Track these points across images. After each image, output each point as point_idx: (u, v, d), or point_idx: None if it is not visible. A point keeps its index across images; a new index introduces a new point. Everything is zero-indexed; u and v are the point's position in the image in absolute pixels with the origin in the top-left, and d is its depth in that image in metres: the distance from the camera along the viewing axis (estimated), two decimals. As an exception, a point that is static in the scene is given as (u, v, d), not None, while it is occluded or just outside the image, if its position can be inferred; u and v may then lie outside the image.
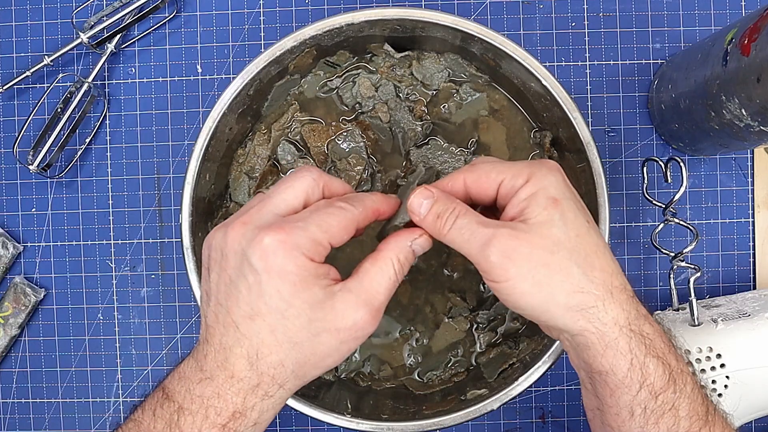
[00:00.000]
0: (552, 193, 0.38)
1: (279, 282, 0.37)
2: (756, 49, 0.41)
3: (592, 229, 0.39)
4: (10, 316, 0.58)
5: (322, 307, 0.38)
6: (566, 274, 0.37)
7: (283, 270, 0.37)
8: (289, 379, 0.39)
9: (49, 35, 0.60)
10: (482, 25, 0.49)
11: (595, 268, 0.38)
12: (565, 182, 0.40)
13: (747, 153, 0.59)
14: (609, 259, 0.39)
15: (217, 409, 0.38)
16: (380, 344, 0.55)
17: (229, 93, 0.50)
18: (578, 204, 0.39)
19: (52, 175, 0.58)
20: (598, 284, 0.38)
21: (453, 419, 0.49)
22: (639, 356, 0.38)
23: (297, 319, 0.38)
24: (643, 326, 0.38)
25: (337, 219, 0.39)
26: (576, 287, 0.38)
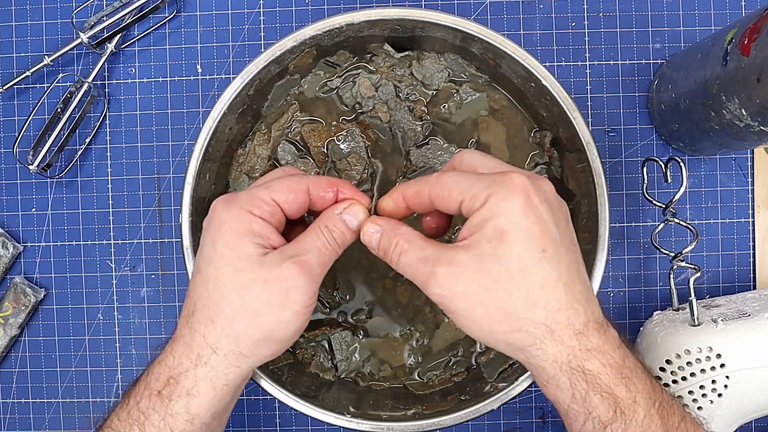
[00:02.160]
0: (501, 223, 0.36)
1: (214, 233, 0.40)
2: (756, 49, 0.41)
3: (546, 259, 0.37)
4: (10, 316, 0.58)
5: (251, 260, 0.39)
6: (503, 313, 0.37)
7: (218, 221, 0.40)
8: (219, 340, 0.39)
9: (49, 35, 0.60)
10: (482, 25, 0.49)
11: (537, 306, 0.37)
12: (525, 205, 0.36)
13: (747, 153, 0.59)
14: (560, 291, 0.37)
15: (157, 374, 0.40)
16: (380, 344, 0.55)
17: (229, 93, 0.50)
18: (535, 230, 0.36)
19: (52, 175, 0.58)
20: (538, 323, 0.37)
21: (453, 419, 0.49)
22: (580, 391, 0.37)
23: (225, 267, 0.39)
24: (586, 362, 0.37)
25: (281, 179, 0.41)
26: (513, 327, 0.37)
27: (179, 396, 0.39)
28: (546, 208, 0.37)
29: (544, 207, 0.37)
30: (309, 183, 0.41)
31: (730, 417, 0.51)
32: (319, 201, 0.42)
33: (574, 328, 0.37)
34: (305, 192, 0.41)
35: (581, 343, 0.37)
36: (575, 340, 0.37)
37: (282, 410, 0.59)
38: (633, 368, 0.38)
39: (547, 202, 0.38)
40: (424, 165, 0.54)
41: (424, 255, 0.38)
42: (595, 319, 0.38)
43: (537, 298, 0.37)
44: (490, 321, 0.37)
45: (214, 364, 0.39)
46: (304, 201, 0.41)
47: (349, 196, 0.42)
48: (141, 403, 0.40)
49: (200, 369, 0.39)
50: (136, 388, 0.41)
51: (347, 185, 0.42)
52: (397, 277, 0.55)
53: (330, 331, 0.54)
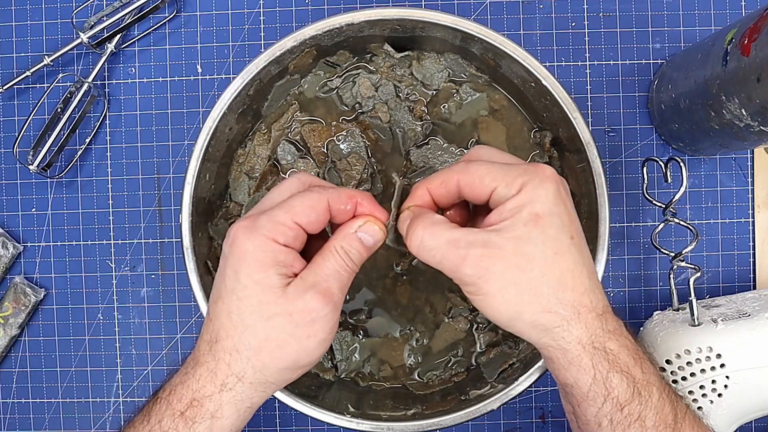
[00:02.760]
0: (537, 208, 0.38)
1: (237, 262, 0.39)
2: (756, 49, 0.41)
3: (575, 245, 0.38)
4: (10, 316, 0.58)
5: (274, 292, 0.39)
6: (536, 293, 0.38)
7: (241, 250, 0.39)
8: (246, 370, 0.39)
9: (49, 35, 0.60)
10: (482, 25, 0.49)
11: (567, 288, 0.38)
12: (557, 194, 0.38)
13: (747, 153, 0.59)
14: (585, 277, 0.39)
15: (179, 395, 0.40)
16: (380, 344, 0.55)
17: (229, 93, 0.50)
18: (565, 218, 0.38)
19: (52, 175, 0.58)
20: (567, 305, 0.38)
21: (453, 419, 0.49)
22: (602, 371, 0.38)
23: (249, 299, 0.39)
24: (607, 342, 0.38)
25: (300, 199, 0.40)
26: (544, 307, 0.38)
27: (203, 418, 0.39)
28: (570, 200, 0.40)
29: (569, 199, 0.40)
30: (329, 199, 0.40)
31: (730, 417, 0.51)
32: (339, 215, 0.41)
33: (596, 311, 0.39)
34: (327, 209, 0.40)
35: (602, 325, 0.39)
36: (597, 322, 0.38)
37: (282, 410, 0.59)
38: (644, 354, 0.40)
39: (569, 195, 0.40)
40: (424, 165, 0.54)
41: (454, 237, 0.39)
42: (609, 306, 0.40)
43: (567, 281, 0.38)
44: (521, 302, 0.38)
45: (239, 390, 0.40)
46: (326, 218, 0.41)
47: (367, 210, 0.42)
48: (163, 422, 0.40)
49: (225, 394, 0.40)
50: (157, 406, 0.40)
51: (366, 198, 0.42)
52: (397, 277, 0.55)
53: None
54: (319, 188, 0.41)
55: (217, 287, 0.40)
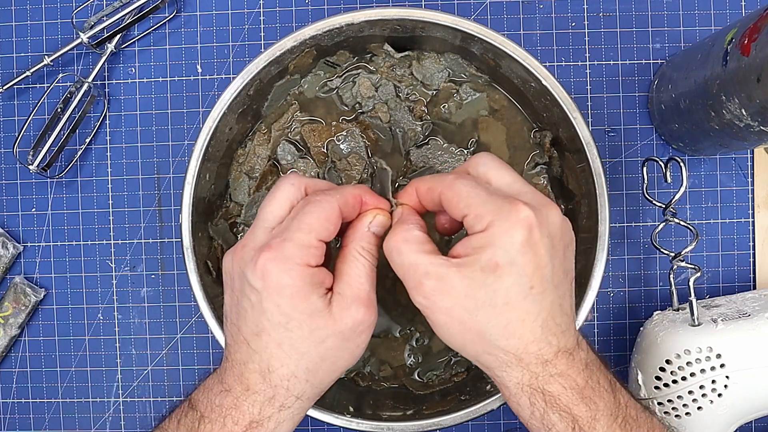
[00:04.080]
0: (498, 256, 0.37)
1: (277, 297, 0.38)
2: (756, 49, 0.41)
3: (532, 295, 0.37)
4: (10, 316, 0.58)
5: (321, 315, 0.39)
6: (478, 335, 0.38)
7: (279, 285, 0.38)
8: (305, 390, 0.41)
9: (49, 35, 0.60)
10: (482, 25, 0.49)
11: (513, 337, 0.38)
12: (524, 242, 0.37)
13: (747, 153, 0.59)
14: (537, 326, 0.38)
15: (235, 419, 0.40)
16: (380, 344, 0.55)
17: (229, 93, 0.50)
18: (528, 268, 0.37)
19: (52, 175, 0.58)
20: (509, 351, 0.38)
21: (453, 419, 0.49)
22: (539, 409, 0.39)
23: (299, 330, 0.39)
24: (547, 385, 0.38)
25: (316, 214, 0.39)
26: (484, 349, 0.39)
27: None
28: (546, 243, 0.38)
29: (544, 242, 0.38)
30: (339, 204, 0.40)
31: (730, 417, 0.51)
32: (348, 215, 0.42)
33: (543, 359, 0.38)
34: (340, 216, 0.41)
35: (546, 369, 0.38)
36: (540, 368, 0.38)
37: (282, 410, 0.59)
38: (596, 387, 0.39)
39: (549, 236, 0.38)
40: (424, 165, 0.54)
41: (415, 263, 0.39)
42: (567, 347, 0.39)
43: (514, 330, 0.38)
44: (464, 339, 0.39)
45: (298, 406, 0.41)
46: (339, 224, 0.41)
47: (371, 204, 0.42)
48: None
49: (284, 412, 0.40)
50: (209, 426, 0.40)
51: (367, 192, 0.42)
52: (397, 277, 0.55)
53: None
54: (325, 196, 0.40)
55: (255, 321, 0.39)
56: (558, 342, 0.38)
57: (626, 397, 0.41)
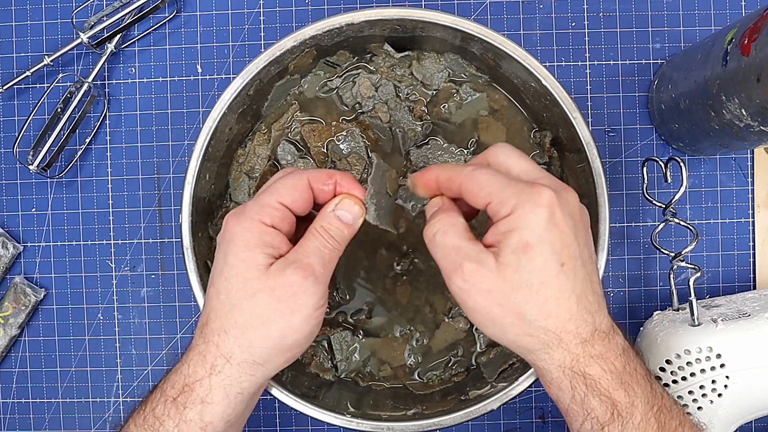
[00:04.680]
0: (526, 236, 0.37)
1: (226, 246, 0.41)
2: (756, 49, 0.41)
3: (564, 272, 0.38)
4: (10, 316, 0.58)
5: (258, 269, 0.40)
6: (518, 317, 0.38)
7: (231, 233, 0.41)
8: (233, 350, 0.41)
9: (49, 35, 0.60)
10: (482, 25, 0.49)
11: (551, 315, 0.38)
12: (549, 220, 0.38)
13: (747, 153, 0.59)
14: (572, 302, 0.38)
15: (172, 382, 0.41)
16: (380, 344, 0.55)
17: (229, 93, 0.50)
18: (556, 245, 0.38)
19: (52, 175, 0.58)
20: (549, 331, 0.38)
21: (453, 419, 0.49)
22: (580, 393, 0.39)
23: (235, 278, 0.40)
24: (587, 368, 0.39)
25: (283, 181, 0.42)
26: (525, 331, 0.39)
27: (193, 403, 0.40)
28: (569, 222, 0.39)
29: (567, 221, 0.38)
30: (309, 177, 0.42)
31: (730, 417, 0.51)
32: (321, 195, 0.43)
33: (581, 337, 0.39)
34: (308, 187, 0.42)
35: (585, 350, 0.39)
36: (580, 348, 0.39)
37: (282, 410, 0.59)
38: (633, 374, 0.39)
39: (570, 215, 0.39)
40: (424, 165, 0.54)
41: (458, 245, 0.39)
42: (603, 328, 0.39)
43: (551, 309, 0.38)
44: (504, 322, 0.39)
45: (228, 373, 0.41)
46: (309, 197, 0.42)
47: (345, 189, 0.43)
48: (156, 409, 0.41)
49: (214, 378, 0.40)
50: (153, 394, 0.42)
51: (346, 177, 0.43)
52: (397, 277, 0.55)
53: (330, 331, 0.54)
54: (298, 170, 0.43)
55: (210, 276, 0.42)
56: (594, 320, 0.39)
57: (660, 388, 0.41)
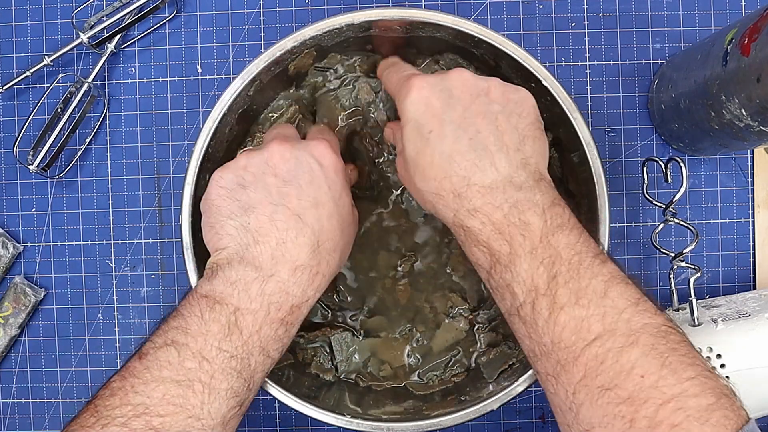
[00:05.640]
0: (403, 121, 0.44)
1: (334, 175, 0.45)
2: (756, 49, 0.41)
3: (432, 139, 0.42)
4: (10, 316, 0.58)
5: (351, 204, 0.47)
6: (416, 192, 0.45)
7: (335, 166, 0.45)
8: (334, 269, 0.45)
9: (49, 35, 0.60)
10: (482, 25, 0.49)
11: (428, 179, 0.43)
12: (416, 101, 0.43)
13: (747, 153, 0.59)
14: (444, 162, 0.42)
15: (278, 305, 0.42)
16: (380, 344, 0.55)
17: (229, 93, 0.50)
18: (424, 118, 0.43)
19: (52, 175, 0.58)
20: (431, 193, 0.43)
21: (453, 419, 0.49)
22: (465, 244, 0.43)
23: (344, 208, 0.45)
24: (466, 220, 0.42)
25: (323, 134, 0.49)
26: (423, 199, 0.44)
27: (298, 321, 0.44)
28: (440, 96, 0.43)
29: (438, 95, 0.43)
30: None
31: (730, 417, 0.51)
32: None
33: (455, 192, 0.42)
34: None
35: (461, 204, 0.41)
36: (455, 202, 0.42)
37: (282, 410, 0.59)
38: (518, 225, 0.40)
39: (444, 90, 0.43)
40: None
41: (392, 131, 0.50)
42: (484, 183, 0.41)
43: (428, 173, 0.43)
44: (416, 198, 0.45)
45: (322, 289, 0.45)
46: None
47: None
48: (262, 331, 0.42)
49: (317, 294, 0.44)
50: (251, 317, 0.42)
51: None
52: (398, 278, 0.55)
53: (330, 332, 0.54)
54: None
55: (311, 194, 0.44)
56: (471, 176, 0.41)
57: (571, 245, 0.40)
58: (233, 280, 0.42)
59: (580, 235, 0.41)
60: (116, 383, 0.39)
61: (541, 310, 0.39)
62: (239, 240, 0.43)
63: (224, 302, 0.41)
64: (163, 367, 0.39)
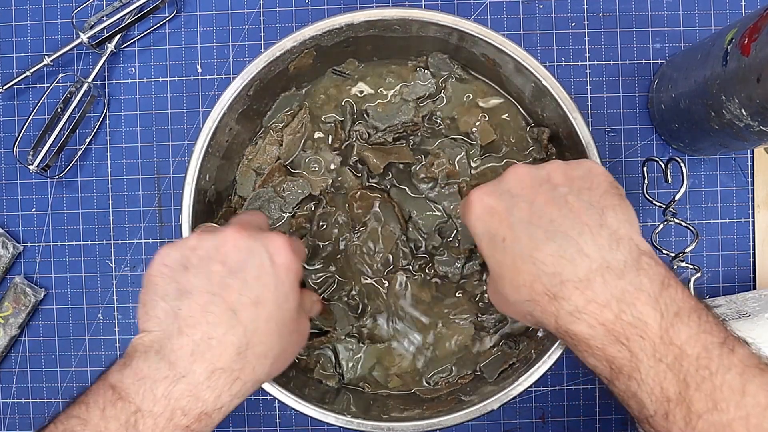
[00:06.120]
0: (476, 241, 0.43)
1: (284, 276, 0.41)
2: (756, 49, 0.41)
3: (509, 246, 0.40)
4: (10, 316, 0.58)
5: (297, 311, 0.43)
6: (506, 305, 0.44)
7: (290, 266, 0.41)
8: (261, 377, 0.41)
9: (49, 35, 0.60)
10: (482, 25, 0.49)
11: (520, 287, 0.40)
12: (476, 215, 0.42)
13: (747, 153, 0.59)
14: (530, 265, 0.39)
15: (183, 410, 0.38)
16: (385, 351, 0.54)
17: (229, 93, 0.50)
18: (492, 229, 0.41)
19: (52, 175, 0.58)
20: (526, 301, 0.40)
21: (453, 419, 0.49)
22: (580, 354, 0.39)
23: (288, 312, 0.42)
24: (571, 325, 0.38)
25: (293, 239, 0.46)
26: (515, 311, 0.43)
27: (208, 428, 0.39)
28: (501, 199, 0.41)
29: (498, 199, 0.41)
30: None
31: (730, 417, 0.51)
32: None
33: (549, 293, 0.38)
34: None
35: (561, 306, 0.38)
36: (554, 306, 0.38)
37: (282, 410, 0.59)
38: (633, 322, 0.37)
39: (504, 193, 0.41)
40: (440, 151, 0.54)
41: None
42: (575, 275, 0.37)
43: (516, 282, 0.40)
44: (507, 312, 0.46)
45: (244, 394, 0.41)
46: None
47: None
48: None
49: (235, 401, 0.40)
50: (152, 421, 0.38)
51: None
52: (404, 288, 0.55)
53: (335, 338, 0.54)
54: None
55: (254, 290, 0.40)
56: (561, 271, 0.38)
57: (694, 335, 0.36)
58: (142, 375, 0.38)
59: (699, 320, 0.36)
60: None
61: (676, 420, 0.35)
62: (164, 326, 0.39)
63: (127, 399, 0.37)
64: None
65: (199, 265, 0.40)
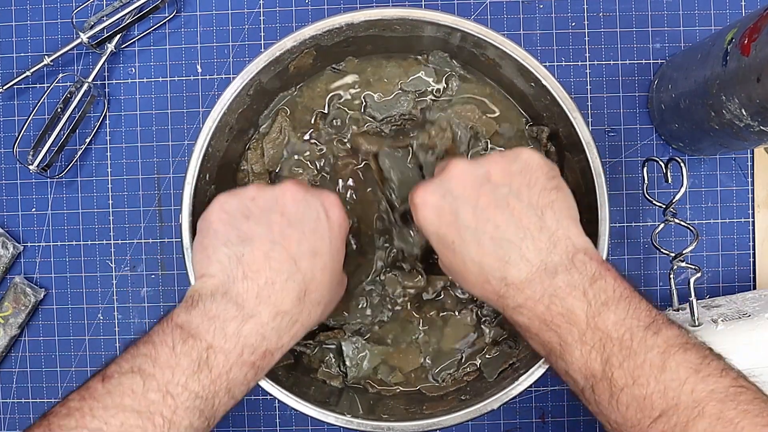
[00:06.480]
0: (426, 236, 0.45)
1: (338, 230, 0.44)
2: (756, 49, 0.41)
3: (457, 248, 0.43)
4: (10, 316, 0.58)
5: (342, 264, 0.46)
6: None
7: (342, 223, 0.44)
8: (314, 321, 0.44)
9: (49, 35, 0.60)
10: (482, 25, 0.49)
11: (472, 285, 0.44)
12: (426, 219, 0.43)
13: (747, 153, 0.59)
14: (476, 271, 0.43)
15: (252, 347, 0.40)
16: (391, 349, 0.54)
17: (229, 93, 0.50)
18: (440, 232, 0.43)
19: (52, 175, 0.58)
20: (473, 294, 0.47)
21: (453, 419, 0.49)
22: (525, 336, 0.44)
23: (338, 264, 0.45)
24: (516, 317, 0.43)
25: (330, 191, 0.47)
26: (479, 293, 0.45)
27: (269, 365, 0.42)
28: (445, 202, 0.43)
29: (442, 202, 0.43)
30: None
31: (730, 417, 0.51)
32: None
33: (497, 294, 0.42)
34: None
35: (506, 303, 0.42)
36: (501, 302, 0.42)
37: (282, 410, 0.59)
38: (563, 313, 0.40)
39: (447, 194, 0.43)
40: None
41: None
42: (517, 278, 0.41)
43: (468, 280, 0.44)
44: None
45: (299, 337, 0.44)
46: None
47: None
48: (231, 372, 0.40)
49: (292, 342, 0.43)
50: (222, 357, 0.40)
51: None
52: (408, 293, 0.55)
53: (341, 336, 0.54)
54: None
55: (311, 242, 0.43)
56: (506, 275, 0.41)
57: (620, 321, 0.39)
58: (212, 315, 0.40)
59: (628, 306, 0.40)
60: (74, 403, 0.37)
61: (602, 393, 0.39)
62: (228, 271, 0.41)
63: (198, 337, 0.39)
64: (125, 394, 0.37)
65: (260, 214, 0.42)
